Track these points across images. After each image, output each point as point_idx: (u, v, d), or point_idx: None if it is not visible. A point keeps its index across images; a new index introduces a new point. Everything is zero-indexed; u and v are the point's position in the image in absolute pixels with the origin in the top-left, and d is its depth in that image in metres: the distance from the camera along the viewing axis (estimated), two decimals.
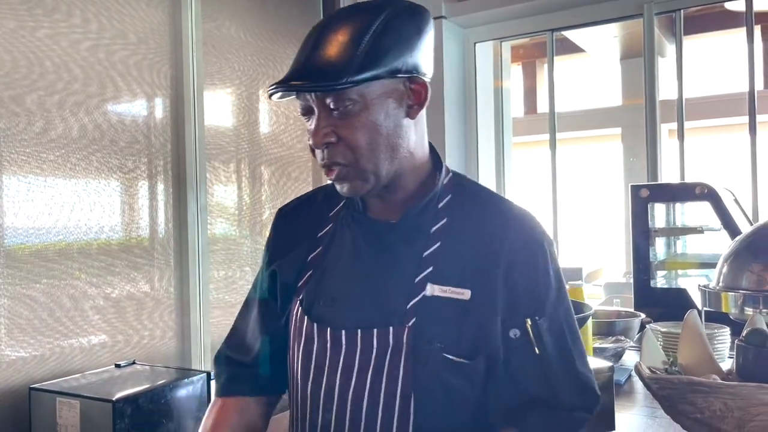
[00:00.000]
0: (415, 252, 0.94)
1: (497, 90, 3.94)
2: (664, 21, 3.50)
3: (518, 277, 0.92)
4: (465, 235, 0.94)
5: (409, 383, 0.89)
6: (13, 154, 2.21)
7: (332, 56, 0.87)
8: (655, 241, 2.41)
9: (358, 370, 0.92)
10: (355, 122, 0.89)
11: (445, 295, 0.91)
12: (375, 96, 0.89)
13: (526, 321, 0.91)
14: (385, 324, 0.91)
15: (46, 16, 2.34)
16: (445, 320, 0.90)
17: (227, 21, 3.17)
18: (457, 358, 0.90)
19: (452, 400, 0.91)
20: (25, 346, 2.22)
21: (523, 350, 0.91)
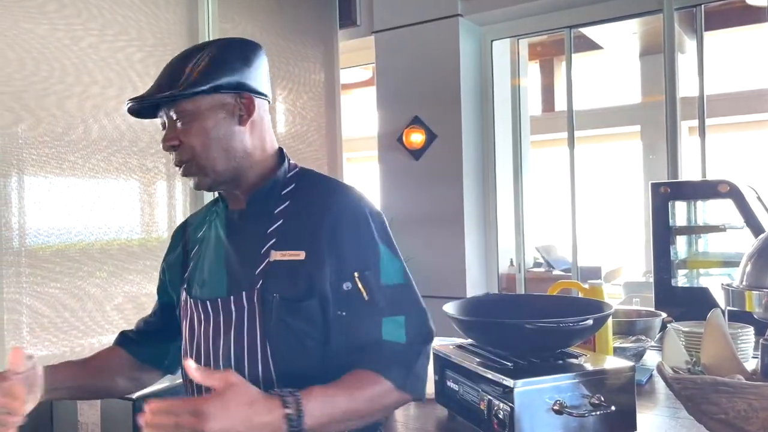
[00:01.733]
0: (261, 230, 1.14)
1: (515, 88, 3.92)
2: (683, 16, 3.45)
3: (342, 238, 1.10)
4: (303, 211, 1.14)
5: (263, 332, 1.08)
6: (35, 156, 2.24)
7: (171, 76, 1.13)
8: (676, 240, 2.37)
9: (224, 333, 1.12)
10: (190, 129, 1.12)
11: (284, 258, 1.10)
12: (205, 108, 1.12)
13: (354, 274, 1.09)
14: (238, 291, 1.11)
15: (67, 19, 2.36)
16: (284, 277, 1.09)
17: (243, 21, 3.18)
18: (291, 300, 1.08)
19: (299, 342, 1.09)
20: (48, 344, 2.25)
21: (355, 299, 1.08)
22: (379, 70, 3.76)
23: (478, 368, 1.27)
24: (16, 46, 2.20)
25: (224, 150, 1.13)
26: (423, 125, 3.59)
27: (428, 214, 3.56)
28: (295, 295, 1.08)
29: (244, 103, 1.15)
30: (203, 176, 1.14)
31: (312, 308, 1.08)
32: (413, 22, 3.61)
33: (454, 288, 3.44)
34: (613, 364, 1.27)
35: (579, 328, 1.23)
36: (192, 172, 1.15)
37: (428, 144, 3.59)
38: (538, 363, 1.27)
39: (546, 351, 1.29)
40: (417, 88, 3.60)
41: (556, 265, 4.04)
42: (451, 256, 3.49)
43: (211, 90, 1.12)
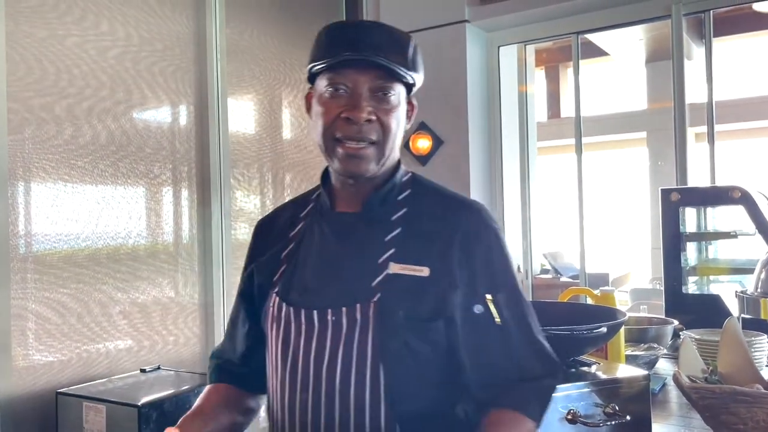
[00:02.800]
0: (377, 237, 1.05)
1: (521, 94, 3.90)
2: (691, 23, 3.44)
3: (475, 258, 1.02)
4: (423, 221, 1.06)
5: (377, 353, 0.98)
6: (43, 161, 2.24)
7: (392, 48, 1.03)
8: (686, 246, 2.35)
9: (331, 348, 1.00)
10: (392, 109, 1.04)
11: (405, 272, 1.01)
12: (402, 95, 1.07)
13: (487, 296, 1.01)
14: (352, 302, 1.00)
15: (75, 24, 2.37)
16: (406, 292, 1.00)
17: (250, 27, 3.18)
18: (420, 321, 0.99)
19: (418, 365, 0.99)
20: (53, 351, 2.24)
21: (486, 321, 1.00)
22: None
23: None
24: (25, 51, 2.20)
25: (396, 142, 1.08)
26: (429, 131, 3.58)
27: None
28: (422, 315, 0.99)
29: (412, 105, 1.13)
30: (375, 163, 1.05)
31: (438, 330, 0.99)
32: (420, 27, 3.60)
33: None
34: (627, 373, 1.26)
35: (592, 336, 1.22)
36: (367, 155, 1.04)
37: (435, 150, 3.58)
38: None
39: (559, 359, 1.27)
40: (423, 94, 3.53)
41: (564, 271, 4.02)
42: None
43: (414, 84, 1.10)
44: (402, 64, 1.04)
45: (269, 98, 3.31)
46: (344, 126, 1.02)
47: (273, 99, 3.34)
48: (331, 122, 1.03)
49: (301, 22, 3.52)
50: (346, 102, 1.02)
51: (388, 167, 1.09)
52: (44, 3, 2.27)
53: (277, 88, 3.36)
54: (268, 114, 3.30)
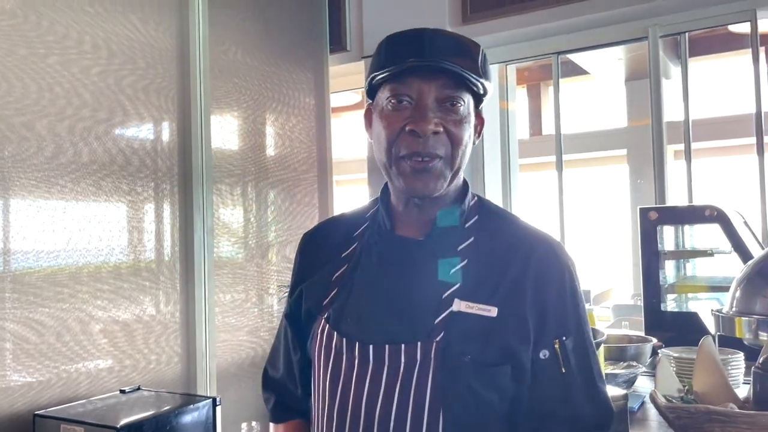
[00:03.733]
0: (442, 270, 0.96)
1: (503, 112, 3.95)
2: (668, 43, 3.52)
3: (546, 299, 0.94)
4: (492, 254, 0.97)
5: (437, 397, 0.90)
6: (23, 179, 2.22)
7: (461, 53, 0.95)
8: (665, 264, 2.39)
9: (386, 386, 0.92)
10: (462, 120, 0.96)
11: (471, 311, 0.92)
12: (471, 106, 0.99)
13: (555, 342, 0.93)
14: (413, 339, 0.92)
15: (57, 42, 2.36)
16: (472, 334, 0.91)
17: (234, 45, 3.20)
18: (486, 366, 0.91)
19: (481, 413, 0.92)
20: (32, 371, 2.21)
21: (550, 369, 0.93)
22: None
23: None
24: (6, 70, 2.20)
25: (466, 158, 0.99)
26: None
27: None
28: (488, 359, 0.91)
29: (480, 121, 1.04)
30: (442, 180, 0.97)
31: (505, 376, 0.92)
32: None
33: None
34: None
35: None
36: (435, 170, 0.95)
37: None
38: None
39: None
40: None
41: None
42: None
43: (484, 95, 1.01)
44: (472, 70, 0.95)
45: (252, 116, 3.32)
46: (409, 140, 0.94)
47: (256, 117, 3.35)
48: (395, 137, 0.95)
49: (284, 42, 3.54)
50: (411, 114, 0.94)
51: (455, 188, 1.01)
52: (26, 20, 2.26)
53: (261, 105, 3.37)
54: (252, 131, 3.31)
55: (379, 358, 0.93)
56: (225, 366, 2.91)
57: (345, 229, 1.09)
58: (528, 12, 3.35)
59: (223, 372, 2.88)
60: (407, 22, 3.89)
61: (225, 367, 2.91)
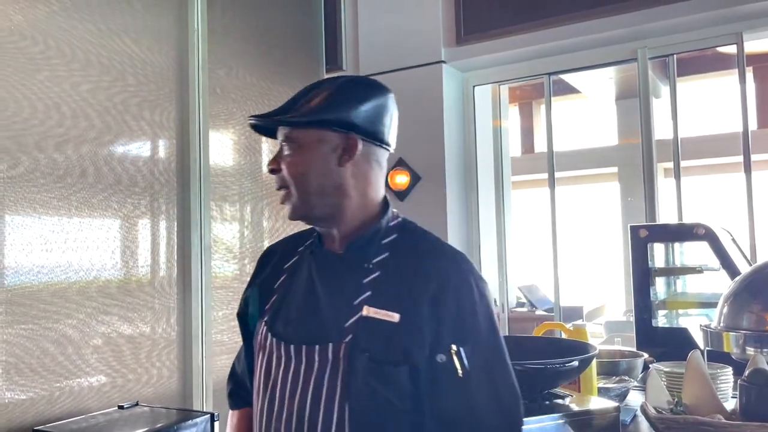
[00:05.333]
0: (357, 279, 1.08)
1: (496, 130, 4.02)
2: (657, 63, 3.60)
3: (445, 308, 1.03)
4: (402, 267, 1.08)
5: (345, 394, 1.01)
6: (16, 195, 2.24)
7: (288, 104, 1.14)
8: (656, 281, 2.43)
9: (303, 382, 1.05)
10: (292, 157, 1.11)
11: (378, 316, 1.04)
12: (310, 140, 1.10)
13: (451, 347, 1.02)
14: (326, 341, 1.05)
15: (59, 59, 2.40)
16: (375, 337, 1.03)
17: (233, 64, 3.25)
18: (379, 364, 1.01)
19: (383, 411, 1.02)
20: (32, 386, 2.22)
21: (447, 373, 1.01)
22: None
23: None
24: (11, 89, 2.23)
25: (319, 186, 1.10)
26: (407, 167, 3.66)
27: None
28: (387, 359, 1.01)
29: (349, 144, 1.11)
30: (295, 207, 1.12)
31: (402, 376, 1.01)
32: (398, 67, 3.71)
33: None
34: (598, 405, 1.31)
35: (565, 370, 1.27)
36: (286, 199, 1.14)
37: (413, 185, 3.65)
38: (526, 403, 1.29)
39: (533, 391, 1.32)
40: (401, 131, 3.63)
41: (539, 304, 4.08)
42: None
43: (316, 124, 1.10)
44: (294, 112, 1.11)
45: (251, 133, 3.36)
46: None
47: (254, 134, 3.39)
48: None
49: (281, 60, 3.60)
50: None
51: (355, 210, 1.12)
52: (24, 37, 2.31)
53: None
54: (249, 148, 3.35)
55: (299, 356, 1.06)
56: (222, 381, 2.92)
57: (294, 244, 1.24)
58: (520, 34, 3.43)
59: (220, 388, 2.89)
60: (401, 40, 3.96)
61: (222, 382, 2.92)
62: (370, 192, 1.15)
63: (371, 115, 1.14)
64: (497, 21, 3.49)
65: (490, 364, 1.04)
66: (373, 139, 1.14)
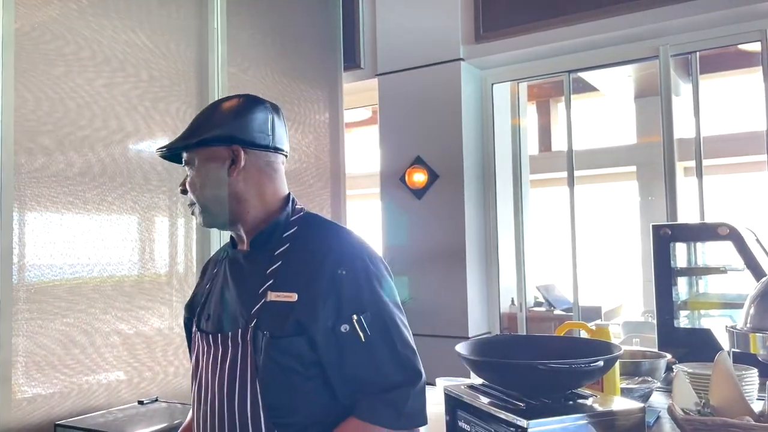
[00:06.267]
0: (261, 270, 1.20)
1: (514, 128, 4.00)
2: (678, 60, 3.56)
3: (341, 282, 1.14)
4: (301, 254, 1.20)
5: (254, 371, 1.14)
6: (35, 192, 2.27)
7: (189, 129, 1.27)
8: (677, 281, 2.40)
9: (221, 367, 1.18)
10: (191, 178, 1.26)
11: (279, 299, 1.16)
12: (200, 159, 1.24)
13: (352, 317, 1.13)
14: (234, 328, 1.19)
15: (89, 60, 2.43)
16: (276, 316, 1.15)
17: (251, 64, 3.26)
18: (279, 337, 1.13)
19: (286, 377, 1.14)
20: (55, 382, 2.24)
21: (351, 340, 1.13)
22: (382, 111, 3.84)
23: (490, 408, 1.28)
24: (32, 86, 2.26)
25: (214, 196, 1.24)
26: (425, 165, 3.65)
27: (430, 254, 3.59)
28: (283, 332, 1.13)
29: (234, 156, 1.23)
30: (204, 217, 1.27)
31: (299, 345, 1.13)
32: (416, 65, 3.70)
33: (456, 327, 3.45)
34: (623, 405, 1.29)
35: (590, 370, 1.25)
36: (196, 213, 1.28)
37: (430, 183, 3.64)
38: (550, 403, 1.28)
39: (557, 391, 1.31)
40: (419, 129, 3.67)
41: (557, 304, 4.05)
42: (453, 295, 3.51)
43: (198, 144, 1.24)
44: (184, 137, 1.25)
45: None
46: None
47: None
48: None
49: (299, 60, 3.60)
50: None
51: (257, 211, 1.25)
52: (56, 37, 2.33)
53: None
54: None
55: (216, 344, 1.21)
56: None
57: (220, 253, 1.39)
58: (540, 31, 3.41)
59: None
60: (419, 38, 3.96)
61: None
62: (266, 193, 1.27)
63: (250, 125, 1.26)
64: (517, 18, 3.47)
65: (387, 327, 1.15)
66: (257, 146, 1.25)
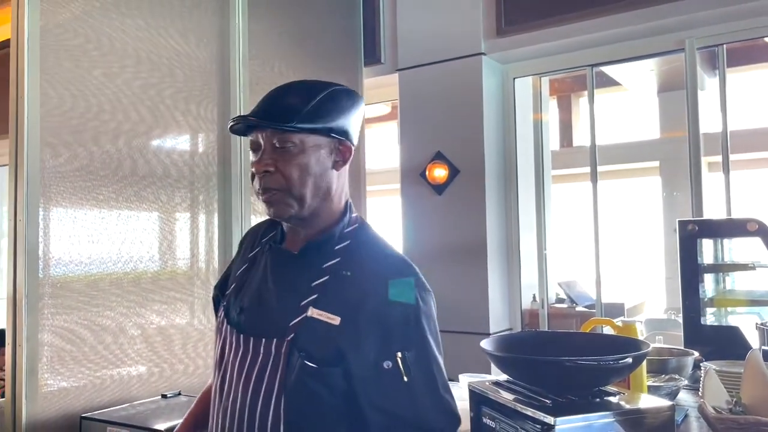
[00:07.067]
0: (306, 280, 1.14)
1: (536, 123, 3.96)
2: (703, 54, 3.50)
3: (390, 316, 1.09)
4: (351, 274, 1.14)
5: (282, 388, 1.09)
6: (62, 188, 2.29)
7: (286, 106, 1.15)
8: (704, 278, 2.36)
9: (248, 370, 1.14)
10: (292, 159, 1.14)
11: (321, 318, 1.10)
12: (311, 145, 1.15)
13: (397, 354, 1.08)
14: (271, 335, 1.12)
15: (113, 56, 2.45)
16: (314, 337, 1.09)
17: (272, 59, 3.26)
18: (313, 364, 1.08)
19: (315, 404, 1.09)
20: (80, 375, 2.27)
21: (393, 378, 1.07)
22: (403, 106, 3.82)
23: (516, 405, 1.27)
24: (55, 82, 2.28)
25: (315, 186, 1.16)
26: (446, 160, 3.63)
27: (451, 249, 3.58)
28: (320, 359, 1.08)
29: (341, 150, 1.19)
30: (287, 206, 1.15)
31: (334, 376, 1.08)
32: (437, 60, 3.68)
33: (477, 323, 3.43)
34: (651, 403, 1.27)
35: (618, 367, 1.24)
36: (277, 200, 1.15)
37: (451, 179, 3.63)
38: (576, 400, 1.27)
39: (584, 389, 1.30)
40: (440, 124, 3.65)
41: (579, 300, 4.01)
42: (473, 291, 3.49)
43: (325, 131, 1.16)
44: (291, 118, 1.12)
45: None
46: (255, 179, 1.16)
47: None
48: (252, 177, 1.18)
49: (320, 54, 3.60)
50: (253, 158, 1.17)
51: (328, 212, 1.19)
52: (78, 35, 2.35)
53: None
54: None
55: (247, 345, 1.15)
56: None
57: (263, 232, 1.30)
58: (563, 24, 3.37)
59: None
60: (440, 32, 3.92)
61: None
62: (343, 197, 1.23)
63: (357, 122, 1.22)
64: (539, 11, 3.43)
65: (432, 369, 1.11)
66: (355, 146, 1.22)
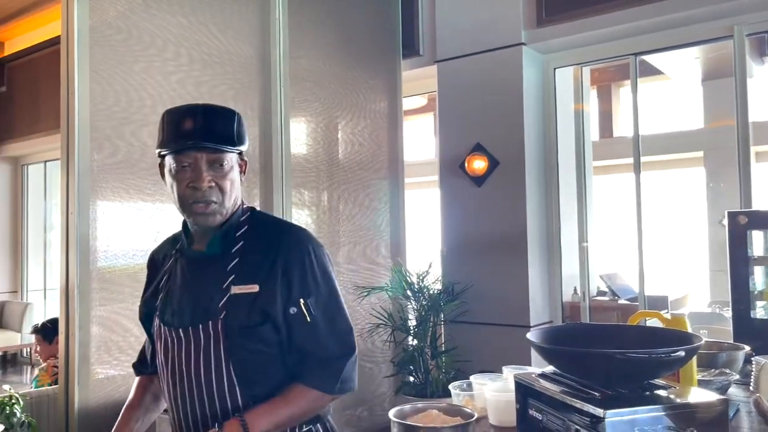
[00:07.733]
0: (221, 268, 1.38)
1: (577, 113, 3.90)
2: (751, 41, 3.39)
3: (291, 273, 1.36)
4: (256, 249, 1.39)
5: (227, 356, 1.33)
6: (107, 181, 2.36)
7: (221, 131, 1.37)
8: (754, 270, 2.30)
9: (194, 355, 1.35)
10: (227, 175, 1.38)
11: (242, 291, 1.35)
12: (235, 162, 1.41)
13: (299, 300, 1.35)
14: (204, 321, 1.35)
15: (144, 51, 2.50)
16: (242, 307, 1.34)
17: (312, 53, 3.29)
18: (248, 327, 1.32)
19: (256, 360, 1.34)
20: (126, 365, 2.32)
21: (299, 320, 1.35)
22: (441, 98, 3.81)
23: (564, 397, 1.26)
24: (102, 80, 2.34)
25: (235, 196, 1.41)
26: (485, 152, 3.61)
27: (491, 241, 3.56)
28: (251, 323, 1.33)
29: (242, 164, 1.45)
30: (220, 215, 1.38)
31: (265, 332, 1.34)
32: (476, 51, 3.65)
33: (517, 316, 3.41)
34: (703, 398, 1.25)
35: (670, 360, 1.22)
36: (214, 210, 1.37)
37: (491, 170, 3.60)
38: (626, 393, 1.25)
39: (633, 382, 1.28)
40: (479, 116, 3.63)
41: (621, 293, 3.95)
42: (514, 283, 3.47)
43: (240, 151, 1.42)
44: (228, 141, 1.36)
45: (327, 120, 3.40)
46: (192, 193, 1.35)
47: (331, 121, 3.43)
48: (183, 191, 1.36)
49: (359, 48, 3.61)
50: (190, 175, 1.35)
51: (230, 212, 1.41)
52: (120, 31, 2.41)
53: (337, 109, 3.45)
54: (327, 135, 3.39)
55: (187, 336, 1.37)
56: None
57: (169, 248, 1.53)
58: (605, 13, 3.30)
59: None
60: (480, 23, 3.88)
61: None
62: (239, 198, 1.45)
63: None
64: (580, 0, 3.37)
65: (329, 308, 1.39)
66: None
